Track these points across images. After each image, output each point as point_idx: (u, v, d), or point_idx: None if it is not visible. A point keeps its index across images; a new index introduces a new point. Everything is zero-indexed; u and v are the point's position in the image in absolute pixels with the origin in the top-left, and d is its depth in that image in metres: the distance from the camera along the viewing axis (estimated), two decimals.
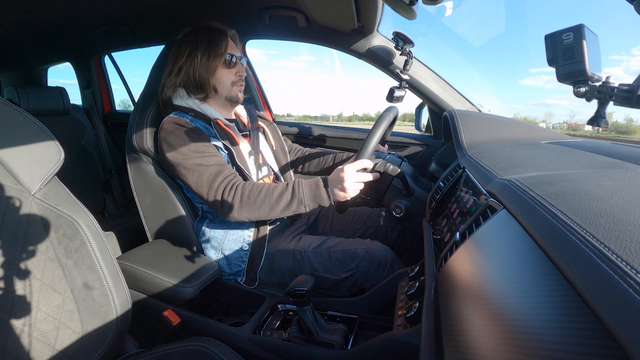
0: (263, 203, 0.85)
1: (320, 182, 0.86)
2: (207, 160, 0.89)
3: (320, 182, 0.86)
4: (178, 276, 0.89)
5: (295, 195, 0.85)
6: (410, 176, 1.02)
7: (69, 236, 0.61)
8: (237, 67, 1.00)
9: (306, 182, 0.87)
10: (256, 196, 0.85)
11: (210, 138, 0.94)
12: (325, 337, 0.75)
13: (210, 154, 0.91)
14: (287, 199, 0.85)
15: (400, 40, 1.07)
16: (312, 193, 0.85)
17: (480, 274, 0.37)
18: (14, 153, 0.59)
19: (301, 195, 0.85)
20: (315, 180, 0.87)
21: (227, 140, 0.96)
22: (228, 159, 0.96)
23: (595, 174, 0.42)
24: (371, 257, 0.92)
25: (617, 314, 0.19)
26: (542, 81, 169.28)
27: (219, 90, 0.99)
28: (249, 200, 0.85)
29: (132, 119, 1.03)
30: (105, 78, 2.06)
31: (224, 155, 0.95)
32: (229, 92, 1.00)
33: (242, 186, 0.87)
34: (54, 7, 1.15)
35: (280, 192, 0.86)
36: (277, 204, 0.85)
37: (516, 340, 0.24)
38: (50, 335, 0.58)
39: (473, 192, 0.55)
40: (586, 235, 0.25)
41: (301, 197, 0.85)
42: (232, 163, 0.96)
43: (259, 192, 0.86)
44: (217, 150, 0.95)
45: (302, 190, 0.85)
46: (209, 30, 0.98)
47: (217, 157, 0.91)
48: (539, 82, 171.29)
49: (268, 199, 0.85)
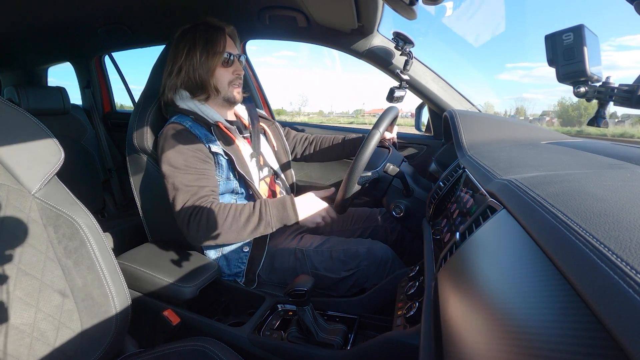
0: (230, 229, 0.85)
1: (288, 202, 0.89)
2: (188, 180, 0.87)
3: (288, 202, 0.89)
4: (178, 276, 0.89)
5: (262, 218, 0.87)
6: (410, 176, 1.02)
7: (68, 236, 0.61)
8: (235, 66, 0.99)
9: (272, 203, 0.89)
10: (223, 221, 0.85)
11: (208, 145, 0.93)
12: (324, 337, 0.75)
13: (196, 170, 0.89)
14: (254, 222, 0.87)
15: (400, 40, 1.07)
16: (280, 215, 0.88)
17: (480, 274, 0.37)
18: (14, 153, 0.59)
19: (269, 218, 0.87)
20: (281, 200, 0.90)
21: (227, 146, 0.95)
22: (228, 165, 0.96)
23: (595, 174, 0.42)
24: (372, 256, 0.92)
25: (617, 314, 0.19)
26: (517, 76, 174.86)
27: (219, 90, 0.98)
28: (215, 226, 0.84)
29: (133, 118, 1.03)
30: (105, 78, 2.06)
31: (223, 162, 0.95)
32: (226, 92, 0.99)
33: (207, 213, 0.84)
34: (54, 7, 1.15)
35: (247, 217, 0.86)
36: (245, 228, 0.86)
37: (516, 340, 0.24)
38: (50, 335, 0.58)
39: (473, 192, 0.55)
40: (586, 235, 0.25)
41: (269, 220, 0.87)
42: (232, 169, 0.96)
43: (225, 218, 0.85)
44: (215, 157, 0.94)
45: (269, 212, 0.87)
46: (206, 27, 0.96)
47: (201, 175, 0.89)
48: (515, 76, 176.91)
49: (235, 224, 0.86)
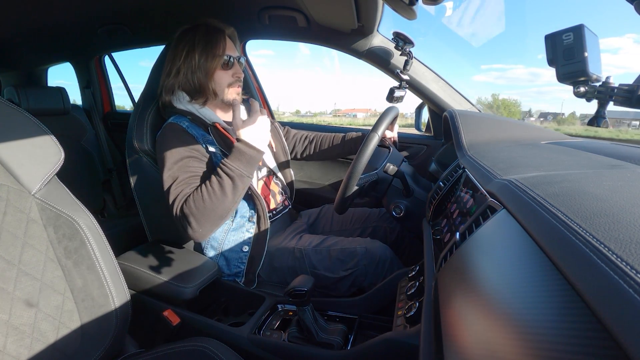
0: (214, 204, 0.83)
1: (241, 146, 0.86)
2: (181, 179, 0.87)
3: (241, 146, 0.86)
4: (178, 276, 0.89)
5: (231, 175, 0.84)
6: (410, 176, 1.02)
7: (68, 236, 0.61)
8: (234, 69, 0.98)
9: (231, 158, 0.86)
10: (203, 203, 0.83)
11: (205, 145, 0.93)
12: (325, 337, 0.75)
13: (189, 169, 0.88)
14: (229, 184, 0.84)
15: (400, 40, 1.07)
16: (243, 161, 0.85)
17: (480, 274, 0.37)
18: (14, 153, 0.59)
19: (237, 171, 0.84)
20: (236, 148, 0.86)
21: (225, 146, 0.95)
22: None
23: (595, 174, 0.42)
24: (370, 255, 0.92)
25: (617, 314, 0.19)
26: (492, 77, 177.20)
27: (218, 93, 0.98)
28: (203, 210, 0.83)
29: (132, 119, 1.03)
30: (105, 78, 2.06)
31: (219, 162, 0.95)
32: (225, 95, 0.98)
33: (190, 204, 0.83)
34: (54, 7, 1.15)
35: (219, 184, 0.84)
36: (224, 194, 0.84)
37: (516, 340, 0.24)
38: (50, 335, 0.58)
39: (473, 192, 0.55)
40: (586, 235, 0.25)
41: (239, 173, 0.85)
42: None
43: (203, 199, 0.83)
44: (212, 157, 0.94)
45: (233, 167, 0.84)
46: (206, 29, 0.95)
47: (194, 175, 0.88)
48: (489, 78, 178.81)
49: (214, 197, 0.83)
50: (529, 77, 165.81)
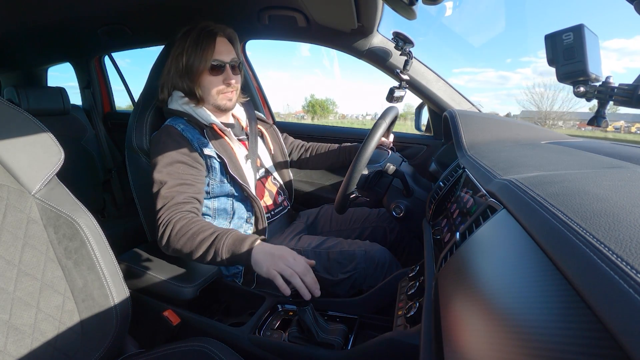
0: (184, 245, 0.79)
1: (250, 239, 0.76)
2: (169, 185, 0.85)
3: (250, 239, 0.76)
4: (178, 276, 0.89)
5: (214, 243, 0.77)
6: (410, 176, 1.02)
7: (69, 236, 0.61)
8: (225, 74, 0.95)
9: (235, 234, 0.78)
10: (181, 237, 0.79)
11: (201, 148, 0.92)
12: (325, 337, 0.75)
13: (179, 175, 0.87)
14: (206, 245, 0.77)
15: (400, 40, 1.07)
16: (232, 246, 0.76)
17: (480, 274, 0.37)
18: (14, 153, 0.59)
19: (220, 245, 0.76)
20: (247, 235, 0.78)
21: (220, 148, 0.94)
22: (221, 168, 0.95)
23: (595, 174, 0.42)
24: (369, 258, 0.92)
25: (617, 314, 0.19)
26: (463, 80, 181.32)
27: (205, 98, 0.97)
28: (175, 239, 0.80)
29: (132, 119, 1.03)
30: (105, 78, 2.06)
31: (216, 165, 0.94)
32: (215, 100, 0.97)
33: (175, 223, 0.80)
34: (54, 7, 1.15)
35: (202, 239, 0.78)
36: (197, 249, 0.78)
37: (516, 340, 0.24)
38: (50, 335, 0.58)
39: (473, 192, 0.55)
40: (586, 235, 0.25)
41: (219, 248, 0.76)
42: (225, 172, 0.95)
43: (185, 234, 0.79)
44: (209, 160, 0.93)
45: (224, 240, 0.77)
46: (199, 32, 0.93)
47: (183, 182, 0.86)
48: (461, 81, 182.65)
49: (190, 243, 0.78)
50: (499, 80, 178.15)
